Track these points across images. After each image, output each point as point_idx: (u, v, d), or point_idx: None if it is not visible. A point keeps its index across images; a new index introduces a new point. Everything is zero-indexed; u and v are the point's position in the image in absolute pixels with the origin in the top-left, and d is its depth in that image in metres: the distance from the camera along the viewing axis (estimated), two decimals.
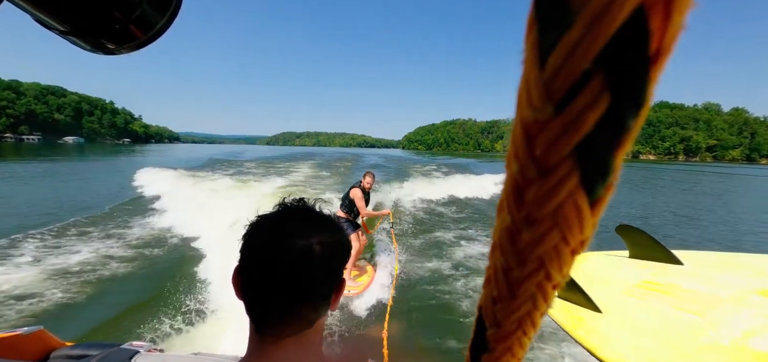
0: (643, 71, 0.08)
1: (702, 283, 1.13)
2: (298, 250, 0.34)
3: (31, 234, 4.61)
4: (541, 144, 0.09)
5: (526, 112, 0.09)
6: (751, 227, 7.25)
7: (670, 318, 0.98)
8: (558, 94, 0.09)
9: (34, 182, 10.65)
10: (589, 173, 0.09)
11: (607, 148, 0.09)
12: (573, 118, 0.09)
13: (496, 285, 0.12)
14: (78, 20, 0.23)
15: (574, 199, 0.10)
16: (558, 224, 0.10)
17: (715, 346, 0.85)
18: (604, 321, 1.02)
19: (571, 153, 0.09)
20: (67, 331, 2.49)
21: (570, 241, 0.10)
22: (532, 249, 0.11)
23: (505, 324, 0.13)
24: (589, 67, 0.08)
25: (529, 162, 0.10)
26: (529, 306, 0.12)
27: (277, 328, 0.36)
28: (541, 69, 0.09)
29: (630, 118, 0.09)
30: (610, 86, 0.08)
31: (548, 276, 0.11)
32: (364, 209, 3.35)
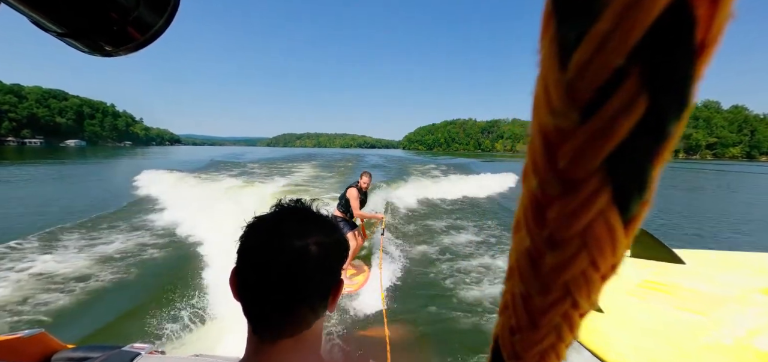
0: (687, 66, 0.07)
1: (704, 282, 1.13)
2: (294, 251, 0.34)
3: (32, 238, 4.62)
4: (565, 155, 0.08)
5: (546, 119, 0.08)
6: (753, 225, 7.21)
7: (672, 317, 0.98)
8: (584, 97, 0.07)
9: (42, 185, 10.73)
10: (622, 188, 0.08)
11: (644, 158, 0.08)
12: (604, 124, 0.07)
13: (515, 314, 0.11)
14: (75, 22, 0.22)
15: (606, 218, 0.08)
16: (587, 247, 0.09)
17: (719, 346, 0.84)
18: (606, 321, 1.01)
19: (602, 165, 0.08)
20: (68, 334, 2.47)
21: (600, 265, 0.09)
22: (556, 275, 0.09)
23: (526, 357, 0.11)
24: (623, 64, 0.07)
25: (551, 176, 0.08)
26: (553, 337, 0.10)
27: (275, 330, 0.35)
28: (562, 69, 0.08)
29: (671, 121, 0.07)
30: (649, 85, 0.07)
31: (575, 305, 0.10)
32: (357, 209, 3.37)
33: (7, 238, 4.52)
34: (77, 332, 2.58)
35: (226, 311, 2.70)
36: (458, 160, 36.32)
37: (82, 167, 19.48)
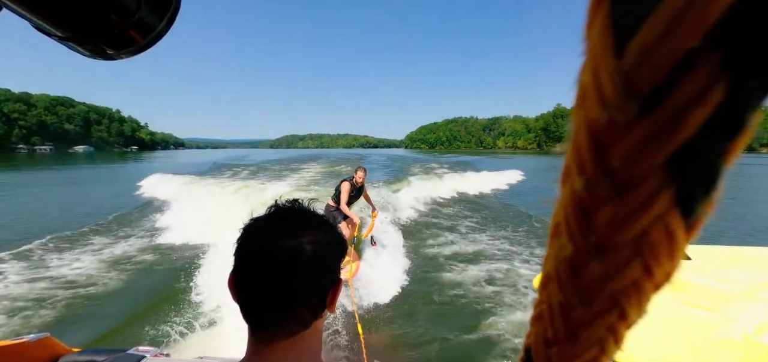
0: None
1: (711, 278, 1.11)
2: (288, 250, 0.34)
3: (38, 242, 4.69)
4: (619, 153, 0.07)
5: (596, 112, 0.07)
6: (759, 219, 7.04)
7: (679, 313, 0.96)
8: (646, 87, 0.06)
9: (56, 190, 10.99)
10: (687, 188, 0.07)
11: (716, 153, 0.07)
12: (670, 117, 0.06)
13: (552, 325, 0.10)
14: (76, 26, 0.22)
15: (666, 221, 0.07)
16: (641, 254, 0.08)
17: (727, 342, 0.83)
18: None
19: (664, 162, 0.07)
20: (73, 337, 2.50)
21: (655, 273, 0.08)
22: (603, 285, 0.08)
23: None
24: (698, 46, 0.06)
25: (601, 176, 0.07)
26: (596, 351, 0.09)
27: (272, 330, 0.35)
28: (618, 56, 0.07)
29: (751, 110, 0.06)
30: (730, 69, 0.06)
31: (623, 316, 0.09)
32: (343, 202, 3.52)
33: (17, 243, 4.61)
34: (83, 336, 2.60)
35: (231, 313, 2.72)
36: (460, 158, 36.22)
37: (92, 171, 19.91)
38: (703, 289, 1.05)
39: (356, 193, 3.70)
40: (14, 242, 4.68)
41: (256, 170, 17.37)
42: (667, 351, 0.84)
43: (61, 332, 2.54)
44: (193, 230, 5.17)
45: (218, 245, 4.31)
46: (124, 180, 14.09)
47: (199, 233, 5.00)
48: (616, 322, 0.09)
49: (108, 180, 14.91)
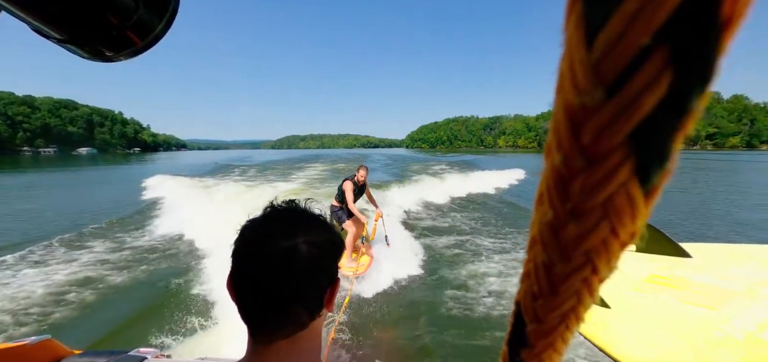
0: (712, 42, 0.07)
1: (712, 276, 1.11)
2: (283, 251, 0.34)
3: (39, 245, 4.68)
4: (589, 131, 0.08)
5: (571, 97, 0.08)
6: (759, 217, 6.97)
7: (680, 312, 0.96)
8: (610, 75, 0.08)
9: (62, 192, 11.10)
10: (644, 160, 0.08)
11: (667, 131, 0.08)
12: (628, 101, 0.08)
13: (537, 281, 0.11)
14: (75, 28, 0.22)
15: (627, 189, 0.09)
16: (608, 217, 0.09)
17: (728, 340, 0.83)
18: (614, 317, 1.00)
19: (625, 139, 0.08)
20: (74, 339, 2.53)
21: (620, 234, 0.09)
22: (577, 244, 0.10)
23: (547, 320, 0.12)
24: (649, 43, 0.07)
25: (575, 151, 0.09)
26: (574, 301, 0.11)
27: (270, 331, 0.36)
28: (588, 49, 0.08)
29: (694, 97, 0.08)
30: (673, 62, 0.07)
31: (595, 270, 0.10)
32: (351, 201, 3.55)
33: (18, 246, 4.62)
34: (84, 338, 2.58)
35: (231, 314, 2.72)
36: (462, 157, 36.13)
37: (95, 173, 20.04)
38: (703, 287, 1.05)
39: (359, 191, 3.72)
40: (15, 245, 4.71)
41: (258, 171, 17.42)
42: (668, 350, 0.84)
43: (62, 334, 2.61)
44: (194, 232, 5.19)
45: (219, 246, 4.31)
46: (127, 182, 14.19)
47: (200, 234, 5.01)
48: (590, 276, 0.10)
49: (111, 182, 15.03)
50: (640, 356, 0.84)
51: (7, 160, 50.16)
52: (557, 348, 0.13)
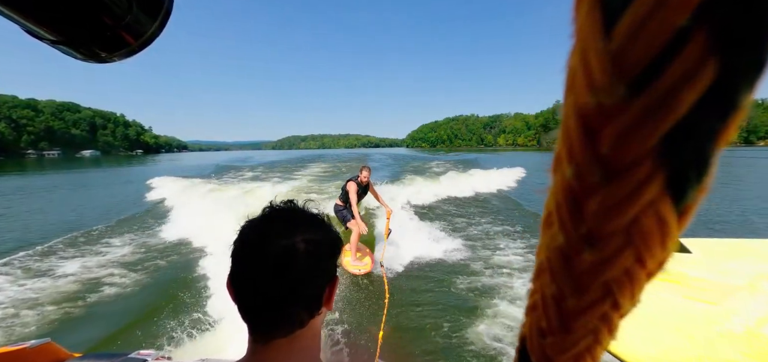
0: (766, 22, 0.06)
1: (712, 271, 1.10)
2: (281, 250, 0.34)
3: (39, 247, 4.69)
4: (609, 138, 0.07)
5: (585, 97, 0.07)
6: (757, 214, 6.91)
7: (681, 307, 0.96)
8: (635, 68, 0.06)
9: (68, 193, 11.15)
10: (678, 172, 0.07)
11: (707, 135, 0.06)
12: (660, 98, 0.06)
13: (545, 316, 0.10)
14: (68, 29, 0.22)
15: (657, 208, 0.07)
16: (633, 243, 0.07)
17: (729, 335, 0.82)
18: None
19: (655, 147, 0.07)
20: (74, 342, 2.50)
21: (647, 263, 0.08)
22: (595, 274, 0.08)
23: (558, 361, 0.10)
24: (686, 24, 0.06)
25: (590, 163, 0.07)
26: (590, 340, 0.09)
27: (269, 330, 0.36)
28: (606, 37, 0.06)
29: (744, 90, 0.06)
30: (719, 47, 0.06)
31: (616, 306, 0.08)
32: (354, 202, 3.60)
33: (18, 248, 4.64)
34: (84, 340, 2.57)
35: (232, 314, 2.72)
36: (463, 156, 36.06)
37: (99, 175, 20.17)
38: (703, 282, 1.05)
39: (362, 191, 3.78)
40: (15, 247, 4.74)
41: (259, 171, 17.45)
42: (668, 346, 0.83)
43: (62, 337, 2.59)
44: (194, 233, 5.20)
45: (219, 247, 4.32)
46: (129, 184, 14.28)
47: (201, 235, 5.02)
48: (610, 311, 0.09)
49: (114, 183, 15.14)
50: (639, 352, 0.84)
51: (12, 163, 50.60)
52: None
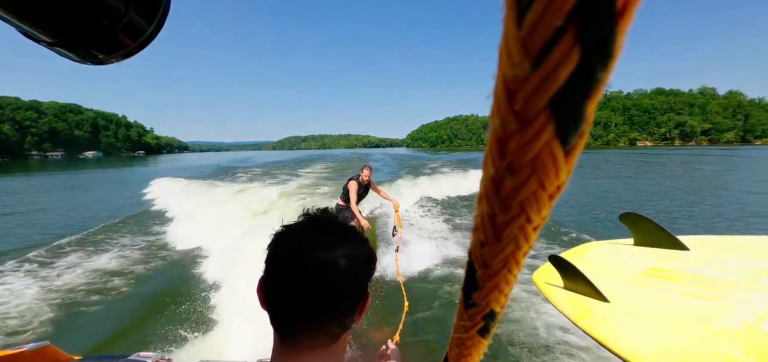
0: (611, 26, 0.09)
1: (709, 268, 1.11)
2: (323, 263, 0.34)
3: (39, 250, 4.62)
4: (520, 98, 0.10)
5: (507, 68, 0.10)
6: (753, 210, 6.87)
7: (679, 304, 0.96)
8: (534, 50, 0.09)
9: (74, 194, 11.33)
10: (563, 123, 0.10)
11: (579, 99, 0.10)
12: (548, 72, 0.09)
13: (483, 231, 0.13)
14: (65, 31, 0.22)
15: (550, 148, 0.10)
16: (536, 172, 0.11)
17: (728, 331, 0.83)
18: (613, 311, 0.99)
19: (547, 105, 0.10)
20: (74, 345, 2.44)
21: (547, 187, 0.11)
22: (514, 196, 0.11)
23: (492, 265, 0.14)
24: (562, 24, 0.09)
25: (510, 116, 0.11)
26: (513, 246, 0.13)
27: (300, 339, 0.36)
28: (519, 27, 0.10)
29: (599, 70, 0.09)
30: (581, 41, 0.09)
31: (528, 219, 0.12)
32: (354, 201, 3.59)
33: (18, 250, 4.62)
34: (83, 343, 2.55)
35: (231, 316, 2.69)
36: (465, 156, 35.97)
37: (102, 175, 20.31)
38: (701, 279, 1.05)
39: (363, 191, 3.79)
40: (15, 249, 4.72)
41: (260, 172, 17.48)
42: (667, 342, 0.84)
43: (61, 340, 2.45)
44: (194, 235, 5.16)
45: (219, 248, 4.29)
46: (131, 184, 14.36)
47: (201, 237, 4.99)
48: (525, 224, 0.12)
49: (116, 184, 15.24)
50: (639, 349, 0.84)
51: (16, 164, 50.98)
52: (502, 289, 0.15)
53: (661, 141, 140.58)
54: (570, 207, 7.56)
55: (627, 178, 14.22)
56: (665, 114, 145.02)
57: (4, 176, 21.62)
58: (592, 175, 15.55)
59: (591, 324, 0.97)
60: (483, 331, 0.18)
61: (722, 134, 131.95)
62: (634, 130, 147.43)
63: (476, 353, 0.21)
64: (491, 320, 0.17)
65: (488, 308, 0.15)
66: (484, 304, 0.15)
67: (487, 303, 0.15)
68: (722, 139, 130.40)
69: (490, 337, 0.19)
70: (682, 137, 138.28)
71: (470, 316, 0.16)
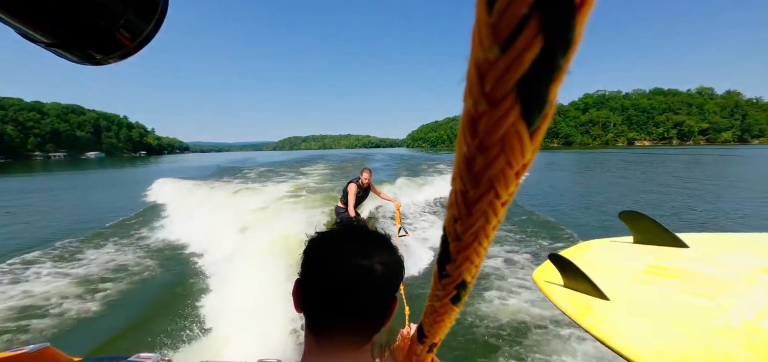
0: (570, 16, 0.10)
1: (709, 265, 1.11)
2: (361, 269, 0.36)
3: (39, 252, 4.62)
4: (489, 81, 0.11)
5: (478, 52, 0.11)
6: (751, 208, 6.84)
7: (678, 302, 0.96)
8: (503, 36, 0.10)
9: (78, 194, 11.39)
10: (528, 105, 0.11)
11: (543, 83, 0.10)
12: (514, 57, 0.10)
13: (456, 206, 0.14)
14: (63, 32, 0.22)
15: (517, 128, 0.11)
16: (504, 151, 0.12)
17: (727, 328, 0.83)
18: (612, 309, 0.99)
19: (513, 88, 0.11)
20: (74, 347, 2.42)
21: (514, 165, 0.12)
22: (484, 173, 0.12)
23: (464, 238, 0.15)
24: (526, 13, 0.10)
25: (480, 97, 0.11)
26: (483, 221, 0.14)
27: (336, 342, 0.38)
28: (489, 13, 0.10)
29: (560, 57, 0.10)
30: (543, 29, 0.10)
31: (497, 195, 0.13)
32: (351, 204, 3.60)
33: (18, 252, 4.61)
34: (84, 345, 2.55)
35: (232, 316, 2.70)
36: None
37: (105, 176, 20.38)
38: (700, 277, 1.05)
39: (363, 193, 3.76)
40: (15, 249, 4.73)
41: (261, 172, 17.49)
42: (667, 340, 0.84)
43: (61, 341, 2.52)
44: (194, 235, 5.16)
45: (220, 249, 4.29)
46: (132, 184, 14.41)
47: (201, 237, 4.98)
48: (494, 199, 0.13)
49: (118, 184, 15.29)
50: (639, 347, 0.84)
51: (20, 164, 51.22)
52: (473, 261, 0.15)
53: (659, 141, 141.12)
54: (570, 206, 7.55)
55: (626, 177, 14.19)
56: (663, 114, 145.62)
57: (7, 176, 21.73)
58: (592, 174, 15.53)
59: (591, 322, 0.96)
60: (455, 299, 0.19)
61: (720, 133, 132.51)
62: (633, 130, 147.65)
63: (448, 319, 0.23)
64: (463, 289, 0.18)
65: (460, 278, 0.16)
66: (457, 275, 0.16)
67: (460, 273, 0.16)
68: (720, 138, 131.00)
69: (461, 305, 0.20)
70: (680, 136, 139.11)
71: (444, 286, 0.17)
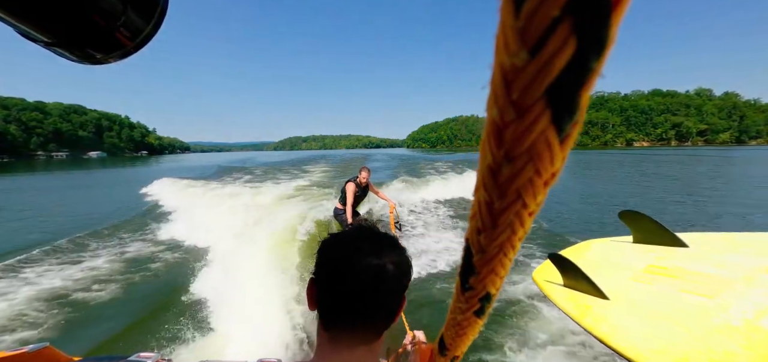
0: (605, 17, 0.09)
1: (708, 265, 1.11)
2: (374, 268, 0.38)
3: (38, 251, 4.58)
4: (517, 88, 0.10)
5: (504, 58, 0.10)
6: (750, 208, 6.81)
7: (678, 301, 0.96)
8: (531, 40, 0.10)
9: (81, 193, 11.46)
10: (559, 112, 0.10)
11: (574, 88, 0.10)
12: (544, 62, 0.10)
13: (480, 218, 0.14)
14: (63, 31, 0.22)
15: (546, 136, 0.11)
16: (532, 160, 0.11)
17: (727, 327, 0.83)
18: (612, 308, 0.99)
19: (543, 94, 0.10)
20: (74, 346, 2.46)
21: (543, 173, 0.11)
22: (510, 183, 0.12)
23: (489, 250, 0.14)
24: (558, 15, 0.09)
25: (507, 105, 0.11)
26: (509, 232, 0.13)
27: (349, 338, 0.39)
28: (516, 17, 0.10)
29: (593, 60, 0.10)
30: (576, 31, 0.09)
31: (525, 205, 0.12)
32: (350, 204, 3.59)
33: (18, 252, 4.60)
34: (84, 344, 2.55)
35: (232, 316, 2.69)
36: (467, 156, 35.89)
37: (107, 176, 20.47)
38: (700, 276, 1.05)
39: (362, 193, 3.75)
40: (15, 249, 4.72)
41: (261, 172, 17.50)
42: (667, 339, 0.84)
43: (61, 341, 2.51)
44: (194, 234, 5.16)
45: (220, 248, 4.28)
46: (134, 183, 14.46)
47: (201, 237, 4.98)
48: (521, 210, 0.12)
49: (119, 184, 15.35)
50: (639, 346, 0.84)
51: (23, 164, 51.48)
52: (498, 273, 0.15)
53: (657, 142, 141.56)
54: (569, 206, 7.52)
55: (625, 177, 14.17)
56: (662, 115, 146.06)
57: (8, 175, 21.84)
58: (591, 174, 15.49)
59: (591, 321, 0.96)
60: (479, 312, 0.19)
61: (718, 134, 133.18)
62: (631, 131, 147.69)
63: (471, 333, 0.22)
64: (487, 302, 0.17)
65: (484, 291, 0.16)
66: (481, 287, 0.16)
67: (484, 286, 0.16)
68: (718, 139, 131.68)
69: (485, 318, 0.19)
70: (678, 137, 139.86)
71: (467, 299, 0.17)
